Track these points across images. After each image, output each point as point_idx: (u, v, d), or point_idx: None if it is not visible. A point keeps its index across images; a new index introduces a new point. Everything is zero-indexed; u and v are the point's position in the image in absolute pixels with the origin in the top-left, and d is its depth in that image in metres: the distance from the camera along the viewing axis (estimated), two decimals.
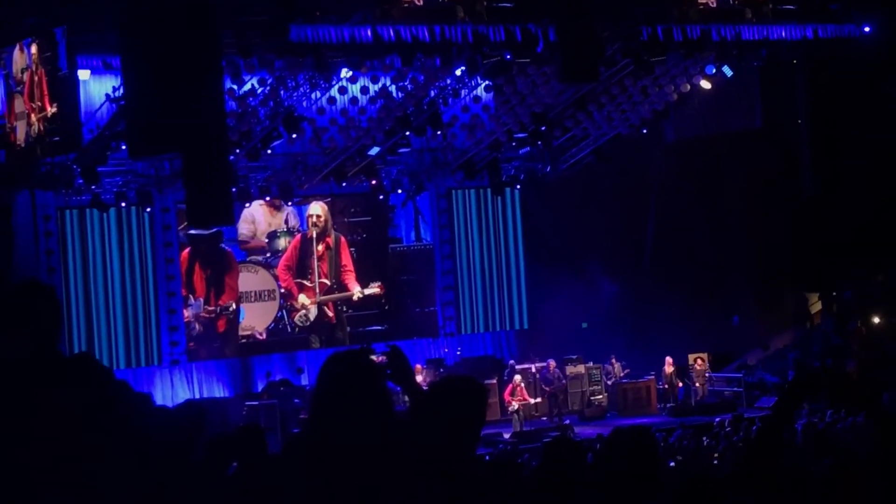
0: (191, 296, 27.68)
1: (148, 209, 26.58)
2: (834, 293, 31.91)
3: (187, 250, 27.68)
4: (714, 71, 27.98)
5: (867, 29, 27.40)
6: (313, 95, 25.31)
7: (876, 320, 30.32)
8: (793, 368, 29.42)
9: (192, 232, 27.01)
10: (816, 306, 32.43)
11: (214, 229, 26.84)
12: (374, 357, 5.08)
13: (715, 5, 25.88)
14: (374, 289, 29.53)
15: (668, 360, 29.19)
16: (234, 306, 28.06)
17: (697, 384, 29.15)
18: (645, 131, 29.98)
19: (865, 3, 27.31)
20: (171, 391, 27.15)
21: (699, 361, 29.35)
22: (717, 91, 28.66)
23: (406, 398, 5.50)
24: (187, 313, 27.58)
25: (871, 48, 27.67)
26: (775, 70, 29.70)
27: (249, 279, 28.50)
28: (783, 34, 26.57)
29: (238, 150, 25.06)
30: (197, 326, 27.72)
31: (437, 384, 5.35)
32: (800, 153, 32.10)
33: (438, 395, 5.13)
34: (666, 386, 29.16)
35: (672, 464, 17.95)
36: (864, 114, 30.21)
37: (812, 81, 31.15)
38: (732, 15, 26.05)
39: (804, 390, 5.58)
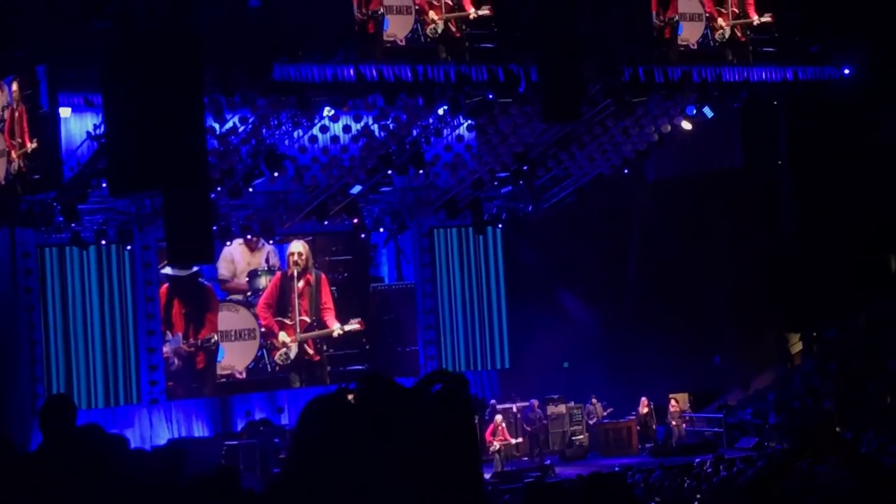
0: (168, 332, 27.55)
1: (128, 247, 26.50)
2: (815, 333, 31.93)
3: (165, 286, 27.58)
4: (695, 112, 28.07)
5: (847, 71, 27.54)
6: (295, 134, 25.32)
7: (856, 361, 30.31)
8: (773, 410, 29.42)
9: (170, 272, 26.96)
10: (797, 346, 32.45)
11: (193, 269, 26.83)
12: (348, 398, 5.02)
13: (696, 47, 26.01)
14: (354, 325, 29.47)
15: (644, 400, 29.17)
16: (214, 338, 27.93)
17: (673, 424, 29.10)
18: (626, 171, 30.03)
19: (845, 46, 27.46)
20: (151, 430, 26.98)
21: (673, 402, 29.34)
22: (698, 131, 28.75)
23: None
24: (166, 349, 27.45)
25: (851, 90, 27.80)
26: (756, 111, 29.83)
27: (230, 318, 28.37)
28: (764, 76, 26.70)
29: (219, 188, 25.02)
30: (176, 362, 27.57)
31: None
32: (780, 193, 32.23)
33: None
34: (639, 427, 29.11)
35: None
36: (844, 154, 30.35)
37: (792, 122, 31.31)
38: (713, 57, 26.18)
39: (808, 447, 5.52)
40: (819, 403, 28.97)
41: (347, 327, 29.39)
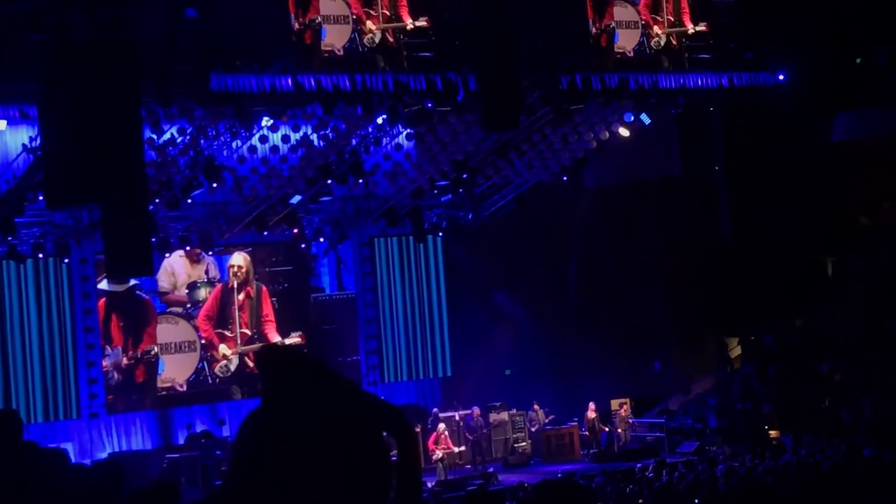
0: (108, 346, 27.33)
1: (66, 260, 26.25)
2: (753, 337, 32.22)
3: (103, 300, 27.35)
4: (632, 118, 28.24)
5: (781, 77, 27.84)
6: (234, 144, 25.20)
7: (793, 365, 30.62)
8: (714, 414, 29.66)
9: (107, 288, 26.77)
10: (736, 351, 32.73)
11: (130, 283, 26.66)
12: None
13: (632, 55, 26.22)
14: (295, 338, 29.37)
15: (591, 406, 29.27)
16: (154, 350, 27.73)
17: (620, 430, 29.25)
18: (565, 178, 30.16)
19: (779, 52, 27.77)
20: (91, 444, 26.75)
21: (624, 408, 29.47)
22: (636, 138, 28.93)
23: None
24: (105, 363, 27.22)
25: (785, 95, 28.12)
26: (692, 117, 30.10)
27: (169, 330, 28.19)
28: (700, 82, 26.93)
29: (157, 200, 24.86)
30: (115, 376, 27.35)
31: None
32: (718, 199, 32.54)
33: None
34: (587, 432, 29.24)
35: None
36: (780, 159, 30.70)
37: (729, 128, 31.64)
38: (649, 64, 26.40)
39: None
40: (758, 407, 29.24)
41: (288, 341, 29.26)
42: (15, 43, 19.08)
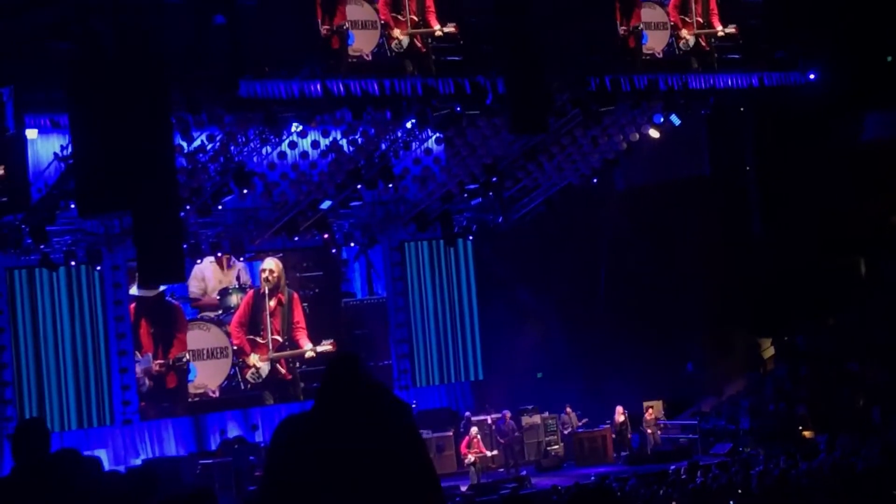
0: (137, 352, 27.43)
1: (98, 268, 26.39)
2: (786, 338, 32.06)
3: (133, 306, 27.46)
4: (662, 120, 28.19)
5: (812, 76, 27.72)
6: (264, 150, 25.26)
7: (827, 365, 30.46)
8: (747, 415, 29.52)
9: (137, 293, 26.87)
10: (769, 351, 32.58)
11: (160, 289, 26.74)
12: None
13: (661, 55, 26.15)
14: (326, 346, 29.41)
15: (619, 409, 29.21)
16: (186, 358, 27.82)
17: (649, 432, 29.16)
18: (595, 180, 30.13)
19: (810, 51, 27.66)
20: (125, 451, 26.86)
21: (650, 410, 29.40)
22: (666, 139, 28.87)
23: None
24: (137, 369, 27.32)
25: (816, 94, 27.99)
26: (722, 118, 30.00)
27: (201, 337, 28.28)
28: (729, 83, 26.85)
29: (188, 207, 24.93)
30: (147, 382, 27.45)
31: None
32: (748, 199, 32.40)
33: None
34: (616, 435, 29.17)
35: None
36: (811, 159, 30.53)
37: (759, 128, 31.50)
38: (679, 65, 26.33)
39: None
40: (792, 408, 29.10)
41: (320, 348, 29.32)
42: (43, 52, 19.20)
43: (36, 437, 6.25)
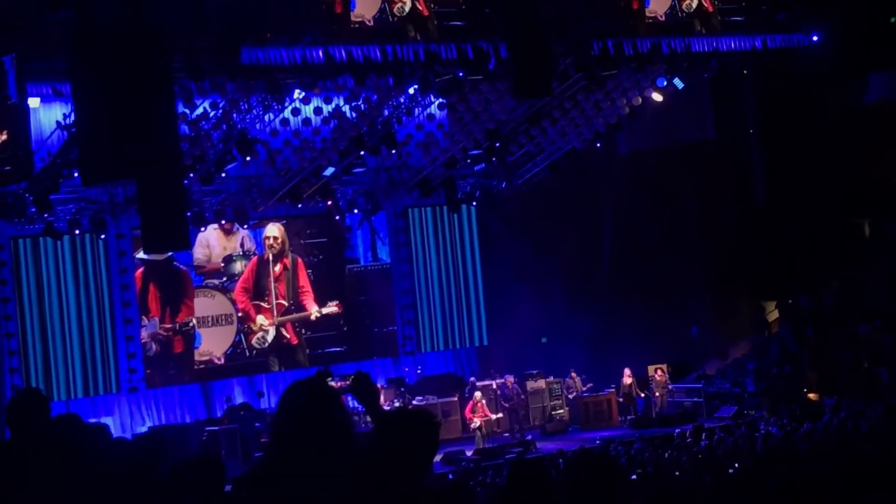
0: (144, 317, 27.49)
1: (102, 236, 26.41)
2: (790, 301, 32.08)
3: (140, 270, 27.50)
4: (665, 83, 28.13)
5: (815, 38, 27.63)
6: (266, 117, 25.24)
7: (831, 328, 30.49)
8: (752, 378, 29.58)
9: (145, 257, 26.86)
10: (774, 314, 32.60)
11: (168, 253, 26.71)
12: (332, 381, 5.11)
13: (664, 19, 26.04)
14: (331, 308, 29.48)
15: (627, 371, 29.28)
16: (192, 322, 27.88)
17: (657, 395, 29.23)
18: (598, 145, 30.09)
19: (813, 13, 27.55)
20: (130, 419, 26.98)
21: (659, 372, 29.43)
22: (669, 103, 28.81)
23: (369, 419, 5.55)
24: (143, 334, 27.39)
25: (818, 56, 27.90)
26: (725, 81, 29.92)
27: (206, 304, 28.33)
28: (732, 45, 26.75)
29: (192, 175, 24.94)
30: (153, 347, 27.52)
31: (391, 416, 5.38)
32: (752, 162, 32.34)
33: (392, 426, 5.16)
34: (623, 399, 29.24)
35: (634, 477, 17.97)
36: (814, 121, 30.47)
37: (762, 91, 31.41)
38: (682, 28, 26.21)
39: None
40: (797, 371, 29.15)
41: (325, 310, 29.40)
42: (43, 21, 19.15)
43: (33, 405, 6.26)
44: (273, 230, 29.05)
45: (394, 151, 27.42)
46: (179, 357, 27.83)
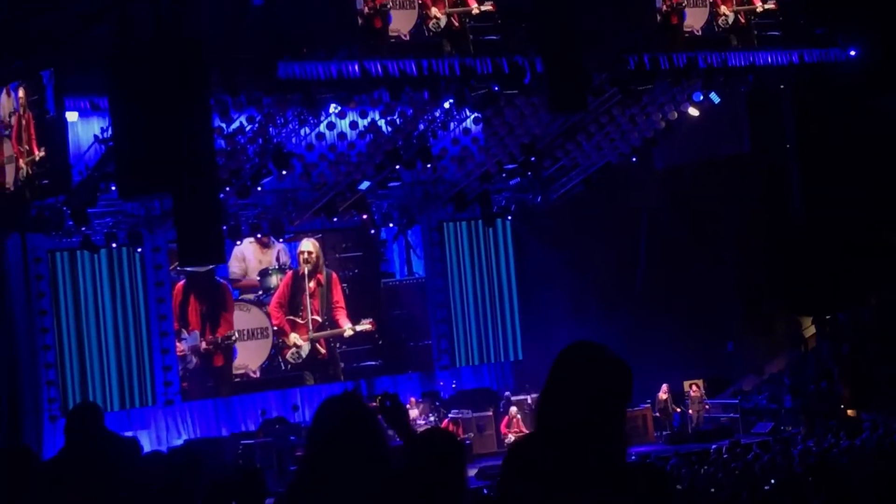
0: (184, 330, 27.57)
1: (139, 249, 26.52)
2: (828, 316, 31.88)
3: (181, 283, 27.59)
4: (701, 98, 28.03)
5: (853, 52, 27.50)
6: (302, 131, 25.29)
7: (868, 344, 30.27)
8: (789, 394, 29.39)
9: (188, 269, 26.93)
10: (811, 330, 32.40)
11: (209, 266, 26.78)
12: (363, 398, 5.13)
13: (700, 33, 25.99)
14: (365, 325, 29.48)
15: (664, 387, 29.12)
16: (234, 337, 27.95)
17: (692, 411, 29.07)
18: (634, 159, 30.01)
19: (850, 27, 27.43)
20: (166, 432, 27.04)
21: (694, 388, 29.28)
22: (705, 117, 28.71)
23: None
24: (182, 346, 27.45)
25: (857, 71, 27.78)
26: (762, 95, 29.81)
27: (242, 317, 28.40)
28: (769, 60, 26.66)
29: (228, 188, 25.02)
30: (193, 360, 27.59)
31: (418, 438, 5.38)
32: (789, 177, 32.18)
33: (419, 448, 5.17)
34: (659, 414, 29.10)
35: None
36: (851, 136, 30.30)
37: (799, 105, 31.27)
38: (718, 42, 26.15)
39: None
40: (834, 387, 28.95)
41: (359, 327, 29.39)
42: (82, 34, 19.28)
43: (91, 419, 6.29)
44: (307, 245, 29.09)
45: (429, 165, 27.45)
46: (218, 371, 27.91)
